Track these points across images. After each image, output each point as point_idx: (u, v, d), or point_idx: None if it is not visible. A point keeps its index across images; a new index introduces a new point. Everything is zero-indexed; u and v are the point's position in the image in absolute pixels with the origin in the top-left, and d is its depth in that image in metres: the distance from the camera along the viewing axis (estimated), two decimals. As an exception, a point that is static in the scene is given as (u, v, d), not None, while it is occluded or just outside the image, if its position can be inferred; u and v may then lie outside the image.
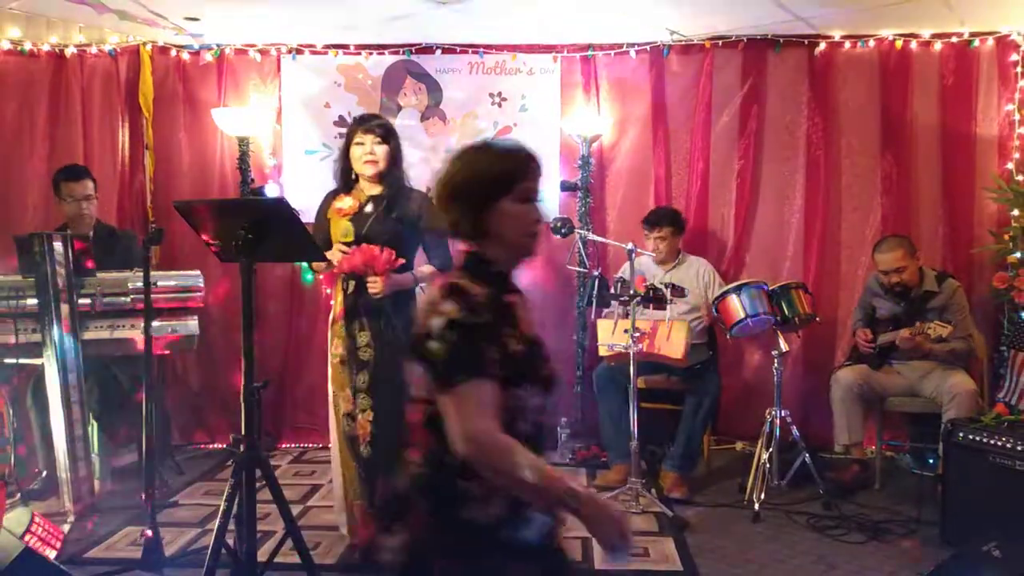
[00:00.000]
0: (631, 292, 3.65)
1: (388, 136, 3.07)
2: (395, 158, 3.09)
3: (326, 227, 3.16)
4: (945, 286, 3.97)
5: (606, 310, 4.10)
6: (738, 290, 3.86)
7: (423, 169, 4.77)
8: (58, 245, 3.49)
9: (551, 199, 4.78)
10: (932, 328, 3.64)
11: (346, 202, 3.12)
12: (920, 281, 3.97)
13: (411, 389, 1.55)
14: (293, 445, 4.87)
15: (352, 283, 3.09)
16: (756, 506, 3.64)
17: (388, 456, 3.07)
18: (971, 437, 3.26)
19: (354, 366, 3.10)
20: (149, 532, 2.89)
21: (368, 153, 3.05)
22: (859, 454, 4.06)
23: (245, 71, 4.83)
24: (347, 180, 3.15)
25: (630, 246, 3.77)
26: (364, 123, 3.09)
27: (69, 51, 4.71)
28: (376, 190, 3.12)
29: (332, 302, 3.26)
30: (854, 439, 3.99)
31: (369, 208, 3.10)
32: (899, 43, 4.57)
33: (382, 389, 3.06)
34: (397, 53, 4.80)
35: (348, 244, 3.07)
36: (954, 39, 4.54)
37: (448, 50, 4.80)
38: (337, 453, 3.21)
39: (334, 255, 3.06)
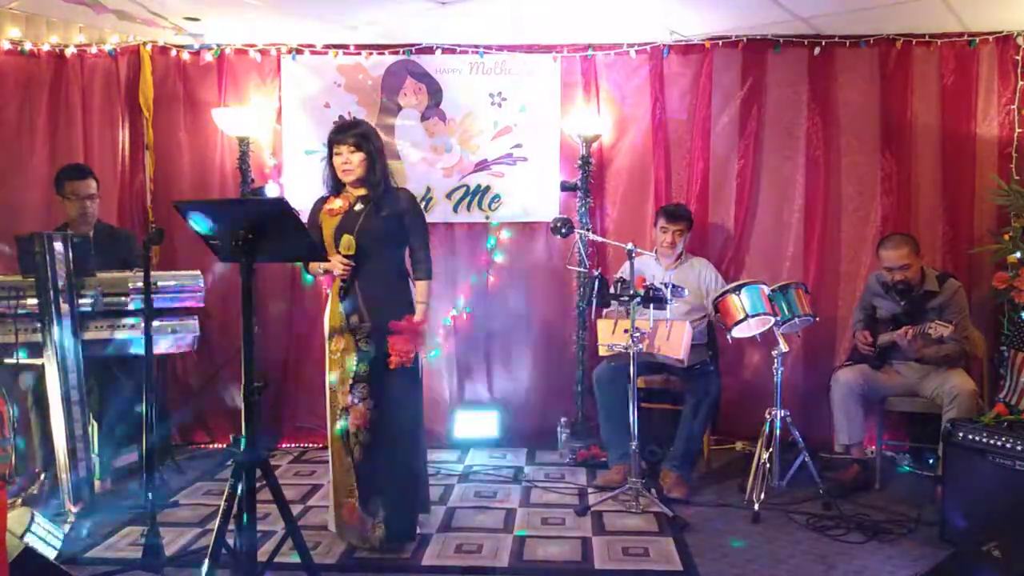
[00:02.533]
0: (631, 292, 3.65)
1: (361, 143, 3.18)
2: (373, 162, 3.20)
3: (318, 231, 3.25)
4: (946, 286, 3.96)
5: (606, 310, 4.11)
6: (738, 290, 3.86)
7: (423, 169, 4.83)
8: (58, 245, 3.49)
9: (551, 199, 4.80)
10: (933, 327, 3.63)
11: (336, 203, 3.25)
12: (922, 280, 3.97)
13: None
14: (293, 445, 4.87)
15: (345, 282, 3.18)
16: (756, 506, 3.64)
17: (386, 448, 3.12)
18: (971, 437, 3.26)
19: (355, 357, 3.18)
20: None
21: (344, 162, 3.19)
22: (859, 454, 4.05)
23: (245, 71, 4.83)
24: (336, 184, 3.28)
25: (630, 246, 3.76)
26: (338, 134, 3.22)
27: (69, 51, 4.71)
28: (362, 192, 3.24)
29: (328, 298, 3.33)
30: (854, 439, 3.99)
31: (359, 207, 3.22)
32: (899, 43, 4.57)
33: (382, 377, 3.16)
34: (397, 53, 4.80)
35: (349, 257, 3.16)
36: (954, 39, 4.55)
37: (448, 50, 4.80)
38: (332, 451, 3.26)
39: (335, 265, 3.15)
